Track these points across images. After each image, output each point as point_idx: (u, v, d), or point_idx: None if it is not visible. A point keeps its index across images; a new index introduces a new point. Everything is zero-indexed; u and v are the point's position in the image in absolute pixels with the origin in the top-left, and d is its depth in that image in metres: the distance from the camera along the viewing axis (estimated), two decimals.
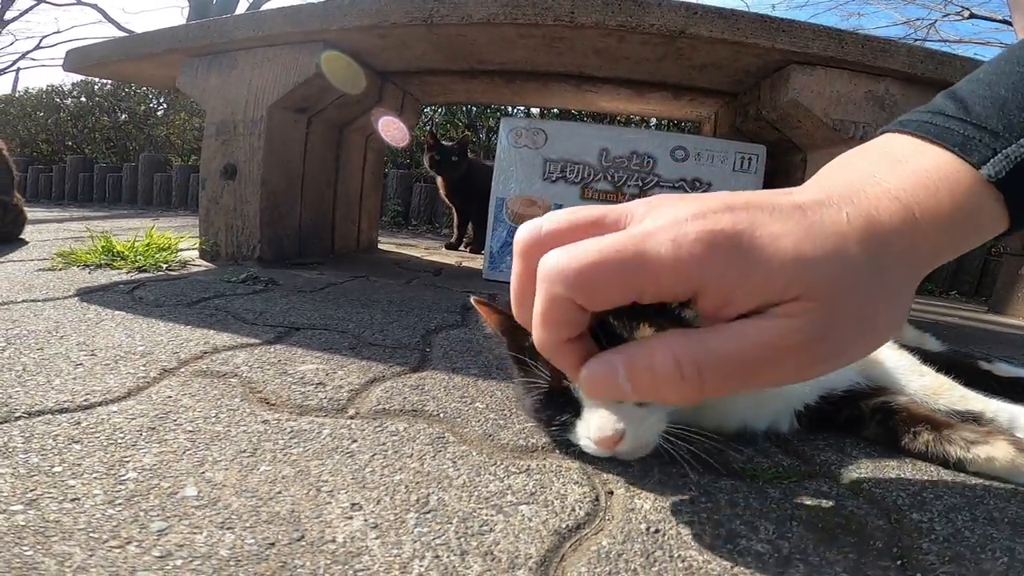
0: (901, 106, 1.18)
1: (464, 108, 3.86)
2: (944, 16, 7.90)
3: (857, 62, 1.13)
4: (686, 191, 1.42)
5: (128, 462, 0.43)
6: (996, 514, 0.44)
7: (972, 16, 7.34)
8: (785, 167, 1.48)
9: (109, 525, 0.35)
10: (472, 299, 0.57)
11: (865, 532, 0.41)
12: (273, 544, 0.35)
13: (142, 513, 0.36)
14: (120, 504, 0.37)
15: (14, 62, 12.81)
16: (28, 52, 13.77)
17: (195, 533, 0.35)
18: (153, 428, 0.49)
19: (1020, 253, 2.03)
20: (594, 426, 0.44)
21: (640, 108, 1.91)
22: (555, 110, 2.83)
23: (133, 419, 0.50)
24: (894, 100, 1.18)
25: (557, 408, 0.48)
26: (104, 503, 0.37)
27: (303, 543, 0.35)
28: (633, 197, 1.43)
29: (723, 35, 1.11)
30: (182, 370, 0.63)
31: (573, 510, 0.41)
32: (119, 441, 0.46)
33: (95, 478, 0.40)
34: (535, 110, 3.06)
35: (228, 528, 0.36)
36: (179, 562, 0.32)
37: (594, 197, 1.44)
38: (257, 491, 0.41)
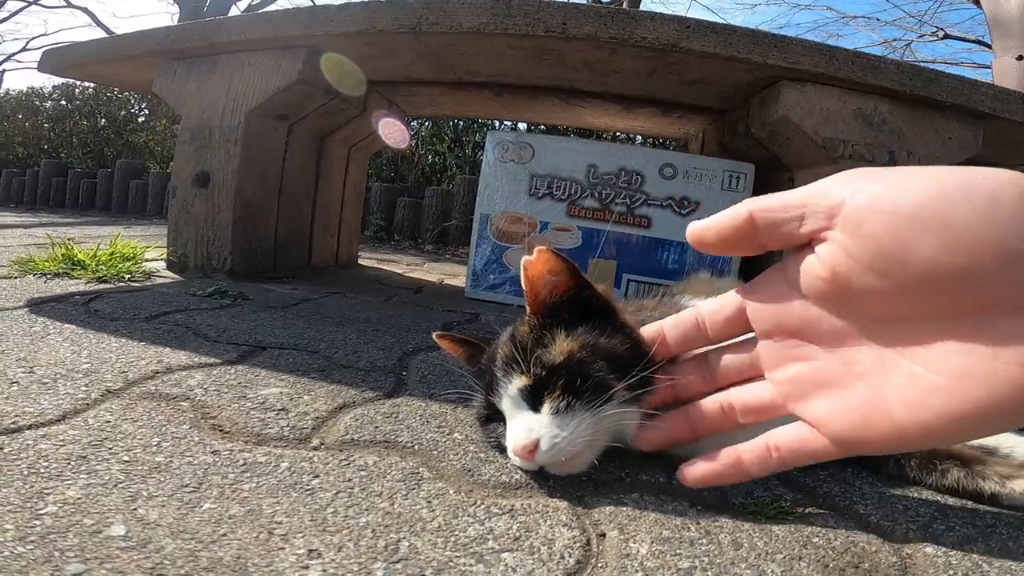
0: (889, 124, 1.17)
1: (451, 122, 3.84)
2: (920, 37, 8.17)
3: (847, 79, 1.12)
4: (674, 209, 1.39)
5: (49, 494, 0.38)
6: (1011, 544, 0.42)
7: (947, 37, 7.59)
8: (772, 187, 1.46)
9: (17, 565, 0.30)
10: (434, 335, 0.59)
11: (878, 570, 0.38)
12: None
13: (57, 553, 0.32)
14: (33, 542, 0.33)
15: (0, 63, 12.57)
16: (14, 54, 13.51)
17: None
18: (84, 456, 0.43)
19: None
20: (510, 437, 0.46)
21: (628, 124, 1.89)
22: (542, 127, 2.82)
23: (63, 446, 0.44)
24: (883, 118, 1.17)
25: (494, 421, 0.51)
26: (15, 540, 0.33)
27: None
28: (621, 215, 1.40)
29: (715, 50, 1.08)
30: (128, 391, 0.57)
31: (562, 557, 0.37)
32: (42, 470, 0.41)
33: (8, 511, 0.35)
34: (522, 125, 3.04)
35: (158, 575, 0.31)
36: None
37: (581, 215, 1.41)
38: (197, 533, 0.35)
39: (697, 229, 0.40)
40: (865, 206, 0.31)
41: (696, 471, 0.42)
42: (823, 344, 0.37)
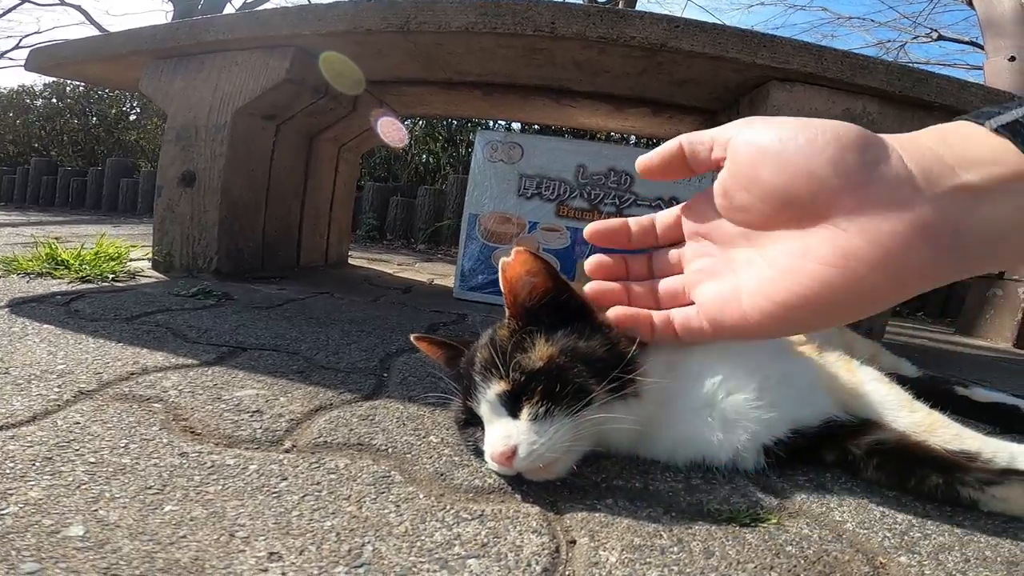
0: (878, 125, 1.17)
1: (445, 122, 3.83)
2: (914, 38, 8.19)
3: (836, 79, 1.12)
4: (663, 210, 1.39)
5: (11, 495, 0.37)
6: (989, 552, 0.42)
7: (940, 38, 7.60)
8: None
9: None
10: (412, 337, 0.59)
11: None
12: None
13: (14, 552, 0.32)
14: None
15: None
16: (7, 52, 13.40)
17: None
18: (49, 458, 0.42)
19: (987, 275, 2.04)
20: (488, 444, 0.45)
21: (619, 125, 1.88)
22: (535, 127, 2.81)
23: (30, 447, 0.44)
24: (871, 118, 1.17)
25: (472, 425, 0.50)
26: None
27: None
28: (609, 215, 1.40)
29: (704, 49, 1.08)
30: (101, 393, 0.56)
31: (529, 565, 0.36)
32: (7, 471, 0.40)
33: None
34: (516, 125, 3.04)
35: (113, 575, 0.31)
36: None
37: (569, 215, 1.40)
38: (156, 534, 0.35)
39: (644, 159, 0.48)
40: (741, 142, 0.41)
41: (617, 310, 0.49)
42: (720, 244, 0.46)
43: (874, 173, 0.35)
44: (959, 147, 0.35)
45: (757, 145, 0.39)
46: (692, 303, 0.47)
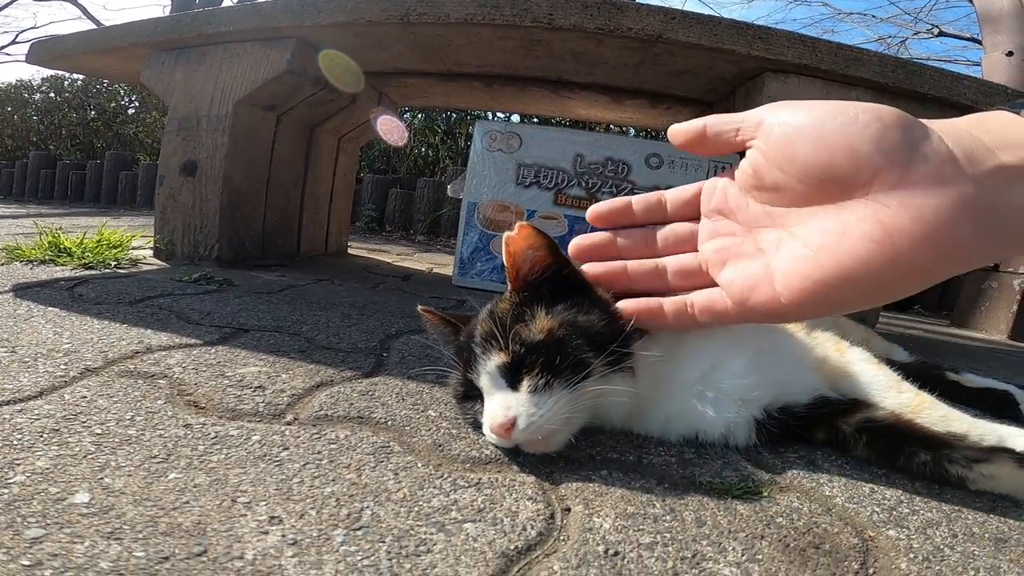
0: None
1: (443, 114, 3.83)
2: (914, 34, 8.16)
3: (830, 70, 1.12)
4: None
5: (19, 464, 0.38)
6: (976, 529, 0.43)
7: (941, 34, 7.57)
8: None
9: None
10: (419, 308, 0.60)
11: (839, 552, 0.38)
12: (167, 558, 0.31)
13: (19, 519, 0.33)
14: None
15: None
16: (3, 47, 13.35)
17: (75, 543, 0.31)
18: (57, 430, 0.44)
19: (982, 268, 2.06)
20: (487, 415, 0.46)
21: (617, 116, 1.89)
22: (535, 120, 2.82)
23: (37, 419, 0.45)
24: None
25: (471, 398, 0.51)
26: None
27: (204, 559, 0.31)
28: None
29: (700, 41, 1.09)
30: (106, 370, 0.57)
31: (524, 529, 0.37)
32: (15, 442, 0.41)
33: None
34: (515, 117, 3.04)
35: (116, 539, 0.32)
36: (48, 572, 0.29)
37: (567, 203, 1.42)
38: (160, 500, 0.36)
39: (673, 130, 0.49)
40: (775, 122, 0.42)
41: (627, 308, 0.50)
42: (744, 225, 0.46)
43: (917, 151, 0.36)
44: (997, 132, 0.36)
45: (794, 125, 0.40)
46: (710, 284, 0.47)
